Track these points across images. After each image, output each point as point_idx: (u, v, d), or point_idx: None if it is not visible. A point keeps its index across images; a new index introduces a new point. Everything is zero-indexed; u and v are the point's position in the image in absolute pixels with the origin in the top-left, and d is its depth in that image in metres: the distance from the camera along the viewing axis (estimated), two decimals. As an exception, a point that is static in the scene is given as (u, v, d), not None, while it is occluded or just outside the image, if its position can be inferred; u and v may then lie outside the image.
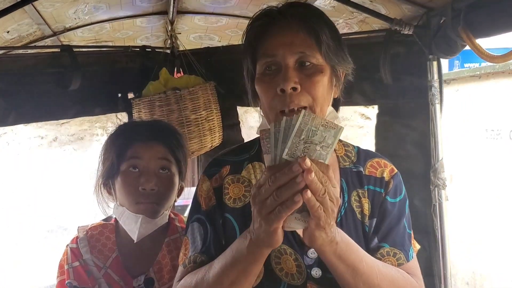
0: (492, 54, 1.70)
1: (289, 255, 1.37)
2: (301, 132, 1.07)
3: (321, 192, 1.05)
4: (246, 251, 1.21)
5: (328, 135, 1.08)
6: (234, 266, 1.25)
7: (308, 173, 1.03)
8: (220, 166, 1.51)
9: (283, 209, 1.06)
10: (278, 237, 1.13)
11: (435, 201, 2.14)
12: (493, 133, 5.10)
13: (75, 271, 1.83)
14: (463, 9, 1.73)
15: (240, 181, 1.47)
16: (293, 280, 1.36)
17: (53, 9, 2.34)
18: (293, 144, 1.07)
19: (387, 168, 1.50)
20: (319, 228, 1.10)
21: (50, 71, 2.41)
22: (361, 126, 6.24)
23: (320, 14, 1.40)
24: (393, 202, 1.45)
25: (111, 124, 5.59)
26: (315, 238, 1.13)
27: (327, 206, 1.07)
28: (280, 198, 1.06)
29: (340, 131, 1.08)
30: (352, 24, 2.50)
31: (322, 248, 1.18)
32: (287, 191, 1.05)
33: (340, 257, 1.21)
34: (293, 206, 1.06)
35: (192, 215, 1.50)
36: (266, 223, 1.10)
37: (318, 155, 1.07)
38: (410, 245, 1.45)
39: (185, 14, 2.82)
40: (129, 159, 1.84)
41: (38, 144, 6.14)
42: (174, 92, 2.41)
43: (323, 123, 1.08)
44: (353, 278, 1.24)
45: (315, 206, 1.06)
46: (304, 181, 1.03)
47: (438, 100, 2.12)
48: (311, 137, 1.07)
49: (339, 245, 1.19)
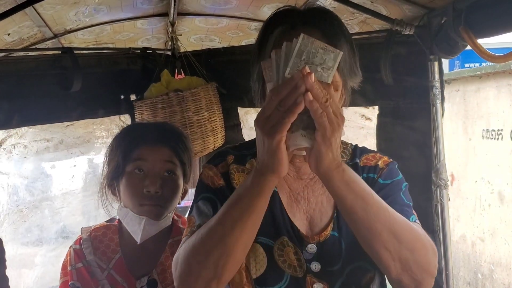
0: (494, 54, 1.70)
1: (291, 248, 1.37)
2: (301, 53, 1.07)
3: (323, 99, 1.04)
4: (250, 182, 1.18)
5: (328, 57, 1.08)
6: (237, 203, 1.21)
7: (308, 76, 1.02)
8: (225, 156, 1.49)
9: (286, 115, 1.05)
10: (281, 157, 1.10)
11: (437, 201, 2.14)
12: (493, 133, 5.09)
13: (78, 272, 1.83)
14: (464, 9, 1.73)
15: (245, 172, 1.45)
16: (295, 272, 1.36)
17: (53, 11, 2.34)
18: (294, 64, 1.07)
19: (382, 158, 1.49)
20: (325, 141, 1.07)
21: (51, 73, 2.41)
22: (362, 127, 6.22)
23: (341, 25, 1.38)
24: (384, 183, 1.42)
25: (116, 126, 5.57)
26: (321, 156, 1.10)
27: (330, 116, 1.06)
28: (283, 107, 1.04)
29: (339, 55, 1.08)
30: (353, 25, 2.51)
31: (329, 173, 1.14)
32: (289, 99, 1.04)
33: (349, 185, 1.16)
34: (295, 109, 1.04)
35: (197, 197, 1.45)
36: (269, 136, 1.08)
37: (319, 76, 1.07)
38: (411, 212, 1.40)
39: (186, 16, 2.83)
40: (134, 161, 1.84)
41: (45, 146, 6.13)
42: (176, 94, 2.41)
43: (322, 46, 1.08)
44: (363, 209, 1.18)
45: (318, 111, 1.04)
46: (305, 85, 1.03)
47: (440, 100, 2.12)
48: (312, 58, 1.07)
49: (346, 172, 1.16)
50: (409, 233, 1.24)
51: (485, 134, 5.25)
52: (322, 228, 1.40)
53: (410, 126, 2.24)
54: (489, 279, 5.25)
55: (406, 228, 1.24)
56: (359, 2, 2.15)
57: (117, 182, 1.90)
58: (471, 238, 5.50)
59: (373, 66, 2.21)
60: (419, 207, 2.12)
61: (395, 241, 1.20)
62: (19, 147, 6.04)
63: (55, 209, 6.17)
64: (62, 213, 6.22)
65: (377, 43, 2.24)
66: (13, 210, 6.03)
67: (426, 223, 2.16)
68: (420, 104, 2.18)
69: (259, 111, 1.12)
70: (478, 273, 5.44)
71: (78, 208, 6.17)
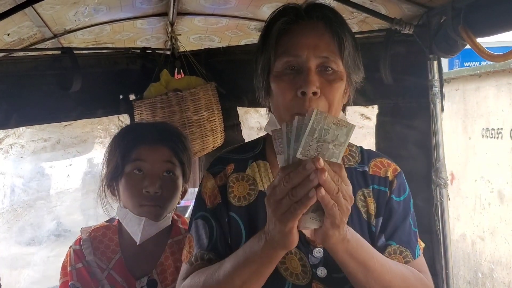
0: (493, 53, 1.70)
1: (294, 255, 1.37)
2: (314, 131, 1.07)
3: (334, 191, 1.05)
4: (260, 252, 1.20)
5: (340, 133, 1.08)
6: (246, 266, 1.24)
7: (322, 173, 1.03)
8: (225, 164, 1.50)
9: (298, 207, 1.06)
10: (293, 238, 1.13)
11: (436, 200, 2.14)
12: (493, 132, 5.09)
13: (78, 273, 1.83)
14: (463, 8, 1.73)
15: (245, 179, 1.47)
16: (297, 280, 1.36)
17: (53, 12, 2.34)
18: (306, 143, 1.07)
19: (391, 167, 1.50)
20: (334, 226, 1.10)
21: (50, 73, 2.40)
22: (361, 126, 6.23)
23: (343, 20, 1.40)
24: (398, 201, 1.45)
25: (114, 126, 5.57)
26: (328, 237, 1.12)
27: (341, 204, 1.07)
28: (295, 197, 1.05)
29: (352, 129, 1.09)
30: (352, 24, 2.50)
31: (334, 246, 1.18)
32: (301, 190, 1.05)
33: (352, 255, 1.21)
34: (307, 202, 1.05)
35: (196, 212, 1.49)
36: (281, 223, 1.10)
37: (331, 153, 1.08)
38: (416, 243, 1.45)
39: (185, 16, 2.82)
40: (133, 161, 1.84)
41: (42, 146, 6.13)
42: (176, 94, 2.41)
43: (335, 121, 1.08)
44: (364, 275, 1.23)
45: (329, 204, 1.06)
46: (318, 179, 1.03)
47: (439, 99, 2.12)
48: (324, 135, 1.07)
49: (350, 242, 1.19)
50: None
51: (484, 133, 5.25)
52: None
53: (410, 125, 2.24)
54: (489, 278, 5.26)
55: (403, 286, 1.31)
56: (358, 2, 2.15)
57: (116, 183, 1.90)
58: (471, 237, 5.50)
59: (373, 65, 2.20)
60: (419, 206, 2.14)
61: None
62: (16, 147, 6.05)
63: (50, 209, 6.18)
64: (57, 213, 6.22)
65: (376, 43, 2.24)
66: (7, 210, 6.04)
67: (426, 223, 2.16)
68: (420, 103, 2.18)
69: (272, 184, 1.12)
70: (478, 272, 5.44)
71: (73, 207, 6.17)
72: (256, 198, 1.44)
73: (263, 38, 1.41)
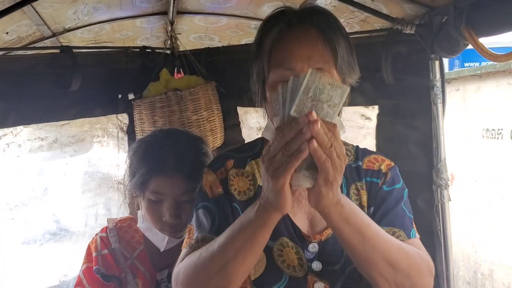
0: (495, 53, 1.69)
1: (291, 248, 1.38)
2: (308, 89, 1.07)
3: (327, 145, 1.05)
4: (254, 217, 1.20)
5: (334, 94, 1.08)
6: (240, 233, 1.23)
7: (314, 124, 1.03)
8: (224, 160, 1.51)
9: (291, 161, 1.06)
10: (285, 196, 1.13)
11: (437, 201, 2.13)
12: (494, 133, 5.09)
13: (103, 258, 1.89)
14: (465, 8, 1.72)
15: (244, 175, 1.48)
16: (294, 272, 1.37)
17: (52, 10, 2.33)
18: (301, 101, 1.07)
19: (385, 162, 1.51)
20: (327, 184, 1.10)
21: (49, 72, 2.39)
22: (361, 127, 6.22)
23: (337, 23, 1.39)
24: (388, 190, 1.45)
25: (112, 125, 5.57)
26: (322, 196, 1.12)
27: (334, 160, 1.07)
28: (288, 151, 1.06)
29: (346, 91, 1.09)
30: (353, 24, 2.49)
31: (327, 210, 1.17)
32: (294, 143, 1.05)
33: (347, 220, 1.20)
34: (300, 156, 1.05)
35: (197, 204, 1.48)
36: (274, 178, 1.10)
37: (325, 113, 1.08)
38: (411, 226, 1.43)
39: (185, 14, 2.82)
40: (152, 192, 1.84)
41: (38, 145, 6.13)
42: (175, 93, 2.40)
43: (330, 81, 1.08)
44: (360, 242, 1.22)
45: (322, 157, 1.06)
46: (310, 132, 1.03)
47: (440, 99, 2.11)
48: (319, 95, 1.08)
49: (344, 207, 1.19)
50: (405, 260, 1.28)
51: (485, 133, 5.24)
52: (324, 227, 1.41)
53: (411, 126, 2.23)
54: (488, 279, 5.25)
55: (402, 256, 1.28)
56: (359, 1, 2.14)
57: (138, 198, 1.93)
58: (471, 238, 5.49)
59: (374, 65, 2.20)
60: (419, 207, 2.13)
61: (391, 269, 1.25)
62: (13, 146, 6.05)
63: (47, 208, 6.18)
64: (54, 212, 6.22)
65: (377, 42, 2.23)
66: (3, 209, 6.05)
67: (426, 224, 2.15)
68: (421, 103, 2.17)
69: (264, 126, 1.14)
70: (478, 272, 5.44)
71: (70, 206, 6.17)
72: (255, 194, 1.45)
73: (257, 46, 1.41)
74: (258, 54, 1.39)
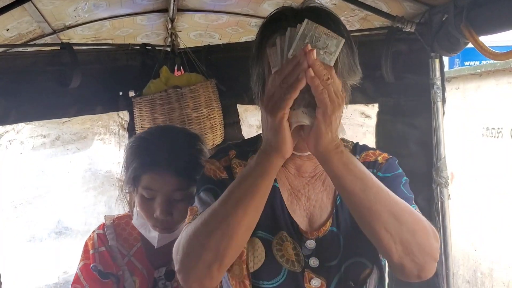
0: (495, 51, 1.69)
1: (289, 243, 1.38)
2: (304, 37, 1.10)
3: (324, 77, 1.06)
4: (255, 162, 1.20)
5: (330, 43, 1.11)
6: (241, 182, 1.21)
7: (310, 53, 1.04)
8: (227, 151, 1.49)
9: (288, 91, 1.07)
10: (285, 134, 1.13)
11: (437, 199, 2.13)
12: (493, 131, 5.09)
13: (100, 256, 1.89)
14: (465, 6, 1.72)
15: None
16: (293, 266, 1.37)
17: (52, 7, 2.33)
18: (298, 46, 1.10)
19: (382, 154, 1.49)
20: (325, 119, 1.10)
21: (50, 69, 2.39)
22: (361, 125, 6.21)
23: (339, 24, 1.33)
24: (384, 176, 1.41)
25: (113, 123, 5.56)
26: (321, 135, 1.12)
27: (331, 94, 1.08)
28: (286, 83, 1.07)
29: (341, 41, 1.12)
30: (354, 22, 2.50)
31: (327, 153, 1.15)
32: (291, 75, 1.06)
33: (347, 166, 1.17)
34: (297, 85, 1.06)
35: (199, 188, 1.44)
36: (272, 113, 1.10)
37: (322, 58, 1.10)
38: (411, 203, 1.38)
39: (185, 12, 2.82)
40: (144, 188, 1.83)
41: (41, 143, 6.12)
42: (175, 90, 2.40)
43: (325, 31, 1.11)
44: (363, 190, 1.18)
45: (319, 87, 1.06)
46: (307, 61, 1.04)
47: (440, 98, 2.11)
48: (315, 42, 1.10)
49: (344, 153, 1.17)
50: (410, 215, 1.23)
51: (485, 132, 5.24)
52: (321, 224, 1.41)
53: (411, 124, 2.23)
54: (488, 278, 5.26)
55: (407, 210, 1.23)
56: (360, -1, 2.14)
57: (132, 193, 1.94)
58: (471, 236, 5.49)
59: (374, 63, 2.20)
60: (419, 206, 2.12)
61: (396, 222, 1.19)
62: (15, 143, 6.04)
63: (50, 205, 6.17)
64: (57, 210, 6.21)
65: (377, 40, 2.23)
66: (6, 206, 6.03)
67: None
68: (421, 101, 2.17)
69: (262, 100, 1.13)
70: (477, 271, 5.44)
71: (73, 204, 6.16)
72: None
73: (257, 50, 1.36)
74: (258, 59, 1.35)
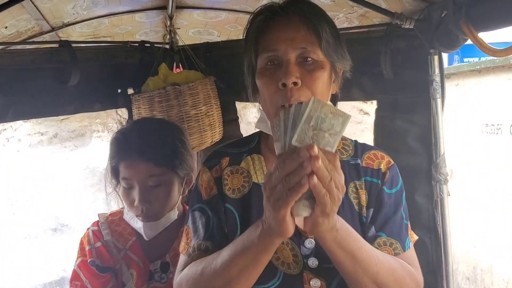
0: (494, 48, 1.69)
1: (286, 245, 1.40)
2: (310, 118, 1.08)
3: (327, 179, 1.06)
4: (257, 240, 1.22)
5: (336, 122, 1.09)
6: (243, 254, 1.26)
7: (316, 160, 1.04)
8: (220, 157, 1.54)
9: (291, 194, 1.07)
10: (287, 225, 1.13)
11: (436, 196, 2.13)
12: (493, 128, 5.09)
13: (97, 251, 1.92)
14: (464, 3, 1.72)
15: (239, 172, 1.50)
16: (289, 269, 1.39)
17: (51, 4, 2.32)
18: (302, 130, 1.08)
19: (384, 159, 1.52)
20: (324, 215, 1.11)
21: (48, 67, 2.38)
22: (360, 122, 6.22)
23: (321, 11, 1.43)
24: (389, 193, 1.47)
25: (112, 120, 5.56)
26: (318, 225, 1.13)
27: (333, 193, 1.08)
28: (289, 184, 1.06)
29: (347, 119, 1.10)
30: (352, 19, 2.49)
31: (323, 235, 1.19)
32: (295, 177, 1.06)
33: (340, 244, 1.23)
34: (299, 189, 1.06)
35: (192, 205, 1.52)
36: (275, 210, 1.11)
37: (326, 142, 1.09)
38: (407, 235, 1.47)
39: (184, 9, 2.80)
40: (122, 179, 1.88)
41: (38, 140, 6.12)
42: (174, 88, 2.39)
43: (332, 110, 1.09)
44: (352, 265, 1.26)
45: (321, 192, 1.06)
46: (311, 166, 1.04)
47: (440, 94, 2.11)
48: (320, 124, 1.08)
49: (339, 232, 1.21)
50: (393, 282, 1.33)
51: (484, 128, 5.24)
52: None
53: (409, 121, 2.22)
54: (488, 274, 5.27)
55: (391, 278, 1.32)
56: (358, -5, 2.14)
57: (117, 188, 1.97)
58: (471, 233, 5.50)
59: (373, 60, 2.19)
60: (418, 203, 2.13)
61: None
62: (13, 140, 6.04)
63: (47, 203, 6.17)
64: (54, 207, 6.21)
65: (376, 37, 2.22)
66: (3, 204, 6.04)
67: (425, 219, 2.15)
68: (420, 98, 2.17)
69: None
70: (477, 268, 5.45)
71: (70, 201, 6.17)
72: (250, 190, 1.47)
73: (245, 39, 1.47)
74: (246, 45, 1.46)
